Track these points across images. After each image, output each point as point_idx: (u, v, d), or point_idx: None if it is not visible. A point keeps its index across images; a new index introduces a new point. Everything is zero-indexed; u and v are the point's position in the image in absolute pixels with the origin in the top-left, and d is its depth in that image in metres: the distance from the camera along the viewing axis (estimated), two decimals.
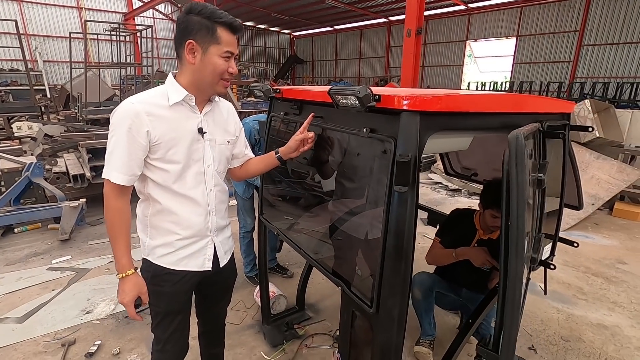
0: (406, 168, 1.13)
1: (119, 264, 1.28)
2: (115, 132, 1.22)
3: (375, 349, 1.34)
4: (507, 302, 1.03)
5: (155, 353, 1.52)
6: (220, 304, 1.72)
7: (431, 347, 2.26)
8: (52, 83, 17.01)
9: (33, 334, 2.45)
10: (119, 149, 1.21)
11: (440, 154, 3.16)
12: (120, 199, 1.27)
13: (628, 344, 2.45)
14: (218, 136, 1.41)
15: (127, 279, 1.28)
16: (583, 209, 4.43)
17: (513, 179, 0.99)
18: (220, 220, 1.47)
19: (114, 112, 1.25)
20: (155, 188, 1.32)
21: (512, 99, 1.60)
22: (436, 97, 1.14)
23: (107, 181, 1.24)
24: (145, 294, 1.34)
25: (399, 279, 1.23)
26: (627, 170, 4.64)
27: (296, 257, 3.55)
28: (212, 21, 1.22)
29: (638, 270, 3.42)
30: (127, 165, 1.22)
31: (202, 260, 1.42)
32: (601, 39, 14.10)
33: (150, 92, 1.29)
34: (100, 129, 5.51)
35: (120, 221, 1.28)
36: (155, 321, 1.46)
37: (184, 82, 1.29)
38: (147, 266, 1.41)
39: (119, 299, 1.31)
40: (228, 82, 1.32)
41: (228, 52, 1.26)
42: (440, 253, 2.25)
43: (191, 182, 1.33)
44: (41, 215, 3.84)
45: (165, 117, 1.26)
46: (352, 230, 1.58)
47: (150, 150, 1.25)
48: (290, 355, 2.30)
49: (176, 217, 1.34)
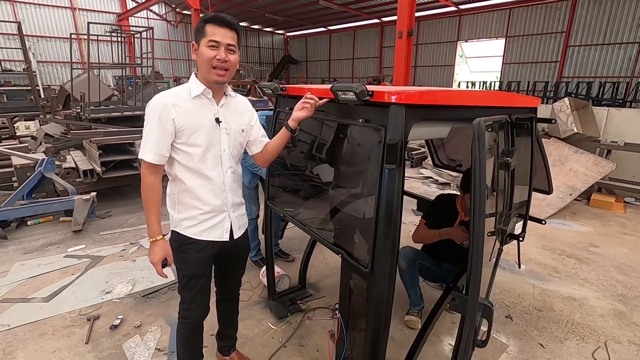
0: (394, 149, 1.41)
1: (151, 230, 1.56)
2: (148, 121, 1.50)
3: (371, 302, 1.62)
4: (472, 251, 1.32)
5: (182, 311, 1.78)
6: (235, 274, 2.00)
7: (419, 315, 2.56)
8: (45, 83, 17.05)
9: (59, 311, 2.69)
10: (151, 134, 1.48)
11: (428, 148, 3.46)
12: (153, 176, 1.54)
13: (592, 312, 2.77)
14: (233, 125, 1.66)
15: (157, 243, 1.57)
16: (562, 199, 4.78)
17: (476, 154, 1.28)
18: (235, 198, 1.74)
19: (148, 105, 1.51)
20: (180, 169, 1.57)
21: (482, 95, 1.89)
22: (418, 92, 1.43)
23: (142, 161, 1.51)
24: (170, 256, 1.62)
25: (389, 241, 1.51)
26: (602, 163, 4.99)
27: (297, 243, 3.82)
28: (202, 22, 1.49)
29: (608, 253, 3.76)
30: (157, 147, 1.49)
31: (221, 232, 1.70)
32: (586, 40, 14.59)
33: (177, 88, 1.57)
34: (105, 127, 5.72)
35: (153, 195, 1.55)
36: (182, 284, 1.72)
37: (201, 79, 1.56)
38: (175, 236, 1.67)
39: (149, 259, 1.58)
40: (221, 70, 1.50)
41: (212, 41, 1.47)
42: (425, 233, 2.55)
43: (210, 163, 1.59)
44: (55, 207, 4.06)
45: (187, 108, 1.52)
46: (350, 206, 1.85)
47: (176, 135, 1.51)
48: (295, 325, 2.57)
49: (198, 194, 1.60)
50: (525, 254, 3.63)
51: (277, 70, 26.38)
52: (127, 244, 3.82)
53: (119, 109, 7.26)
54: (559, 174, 4.99)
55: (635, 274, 3.34)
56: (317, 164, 2.09)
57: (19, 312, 2.67)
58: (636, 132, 5.35)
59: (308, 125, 2.21)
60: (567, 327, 2.59)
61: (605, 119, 5.64)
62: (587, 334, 2.53)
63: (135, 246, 3.78)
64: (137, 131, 5.31)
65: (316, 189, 2.19)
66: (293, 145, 2.39)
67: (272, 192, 2.43)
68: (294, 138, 1.85)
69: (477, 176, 1.29)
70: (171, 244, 1.69)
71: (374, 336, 1.64)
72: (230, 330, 2.13)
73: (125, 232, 4.15)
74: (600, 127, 5.63)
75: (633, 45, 13.48)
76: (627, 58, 13.72)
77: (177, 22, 21.86)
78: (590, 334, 2.52)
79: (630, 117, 5.54)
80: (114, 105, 8.06)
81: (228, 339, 2.13)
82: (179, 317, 1.80)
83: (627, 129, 5.46)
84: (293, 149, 2.34)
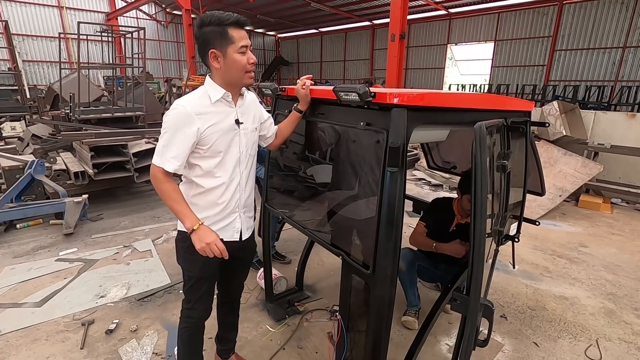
0: (396, 153, 1.43)
1: (189, 220, 1.46)
2: (169, 129, 1.44)
3: (373, 303, 1.64)
4: (474, 252, 1.34)
5: (185, 310, 1.78)
6: (240, 277, 2.00)
7: (417, 316, 2.58)
8: (31, 83, 16.71)
9: (53, 315, 2.64)
10: (173, 144, 1.44)
11: (423, 150, 3.50)
12: (170, 179, 1.50)
13: (584, 311, 2.84)
14: (249, 124, 1.66)
15: (201, 228, 1.48)
16: (552, 200, 4.88)
17: (477, 158, 1.31)
18: (248, 199, 1.74)
19: (168, 113, 1.47)
20: (199, 173, 1.55)
21: (481, 97, 1.93)
22: (419, 95, 1.45)
23: (159, 169, 1.45)
24: (219, 240, 1.50)
25: (391, 243, 1.52)
26: (590, 165, 5.12)
27: (293, 245, 3.82)
28: (222, 26, 1.42)
29: (597, 252, 3.85)
30: (179, 157, 1.45)
31: (232, 232, 1.70)
32: (572, 45, 14.94)
33: (195, 95, 1.52)
34: (97, 128, 5.64)
35: (176, 192, 1.49)
36: (188, 285, 1.72)
37: (218, 83, 1.52)
38: (184, 237, 1.60)
39: (199, 246, 1.46)
40: (252, 73, 1.53)
41: (243, 47, 1.46)
42: (422, 240, 2.58)
43: (229, 166, 1.58)
44: (45, 210, 3.98)
45: (210, 115, 1.49)
46: (351, 208, 1.87)
47: (199, 142, 1.48)
48: (293, 327, 2.57)
49: (214, 196, 1.58)
50: (518, 254, 3.69)
51: (269, 71, 26.33)
52: (120, 247, 3.77)
53: (109, 109, 7.15)
54: (549, 176, 5.09)
55: (623, 273, 3.43)
56: (316, 166, 2.11)
57: (10, 318, 2.61)
58: (622, 135, 5.50)
59: (308, 127, 2.22)
60: (560, 326, 2.64)
61: (592, 122, 5.79)
62: (579, 332, 2.59)
63: (129, 249, 3.73)
64: (129, 132, 5.25)
65: (315, 192, 2.20)
66: (291, 147, 2.40)
67: (270, 194, 2.43)
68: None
69: (478, 179, 1.32)
70: (178, 245, 1.68)
71: (375, 337, 1.65)
72: (230, 333, 2.12)
73: (118, 234, 4.09)
74: (587, 129, 5.77)
75: (617, 50, 13.86)
76: (611, 62, 14.09)
77: (167, 22, 21.65)
78: (582, 332, 2.58)
79: (616, 120, 5.69)
80: (103, 106, 7.94)
81: (228, 341, 2.13)
82: (182, 315, 1.80)
83: (613, 132, 5.61)
84: (292, 152, 2.35)
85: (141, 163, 4.78)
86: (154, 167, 1.48)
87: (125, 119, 7.25)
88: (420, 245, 2.63)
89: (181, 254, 1.66)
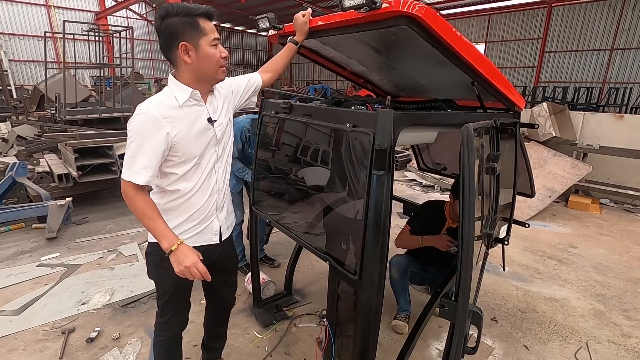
0: (383, 155, 1.39)
1: (167, 239, 1.32)
2: (135, 138, 1.30)
3: (360, 310, 1.59)
4: (462, 258, 1.31)
5: (159, 325, 1.67)
6: (227, 289, 1.89)
7: (407, 320, 2.55)
8: (18, 83, 16.37)
9: (31, 324, 2.55)
10: (141, 153, 1.29)
11: (414, 152, 3.47)
12: (142, 192, 1.34)
13: (574, 312, 2.83)
14: (223, 119, 1.53)
15: (181, 247, 1.33)
16: (542, 201, 4.90)
17: (465, 160, 1.27)
18: (224, 198, 1.64)
19: (133, 119, 1.31)
20: (173, 181, 1.42)
21: (485, 59, 1.83)
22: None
23: (129, 183, 1.30)
24: (200, 262, 1.34)
25: (378, 248, 1.48)
26: (579, 165, 5.15)
27: (282, 248, 3.77)
28: (192, 16, 1.30)
29: (586, 253, 3.87)
30: (149, 167, 1.30)
31: (210, 236, 1.59)
32: (561, 46, 15.14)
33: (160, 97, 1.37)
34: (82, 129, 5.51)
35: (150, 207, 1.34)
36: (163, 300, 1.61)
37: (186, 81, 1.38)
38: (154, 250, 1.47)
39: (178, 269, 1.32)
40: (224, 67, 1.42)
41: (215, 40, 1.35)
42: (408, 239, 2.54)
43: (206, 168, 1.47)
44: (27, 214, 3.86)
45: (179, 117, 1.35)
46: (338, 212, 1.82)
47: (171, 149, 1.35)
48: (281, 333, 2.51)
49: (189, 201, 1.46)
50: (508, 255, 3.68)
51: None
52: (105, 251, 3.67)
53: (96, 110, 7.01)
54: (539, 177, 5.11)
55: (612, 273, 3.45)
56: (303, 169, 2.06)
57: None
58: (610, 136, 5.54)
59: (295, 128, 2.17)
60: (550, 328, 2.63)
61: (581, 123, 5.83)
62: (569, 334, 2.58)
63: (114, 253, 3.63)
64: (115, 134, 5.14)
65: (302, 194, 2.15)
66: (278, 149, 2.35)
67: (257, 196, 2.37)
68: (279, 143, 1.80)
69: (466, 182, 1.28)
70: (149, 258, 1.55)
71: (362, 344, 1.60)
72: (218, 343, 2.05)
73: (103, 238, 3.99)
74: (576, 130, 5.81)
75: (604, 52, 14.07)
76: (599, 64, 14.31)
77: None
78: (572, 335, 2.57)
79: (604, 121, 5.74)
80: (91, 106, 7.79)
81: (214, 350, 2.06)
82: (156, 329, 1.70)
83: (601, 133, 5.66)
84: (279, 155, 2.30)
85: None
86: (123, 182, 1.32)
87: (113, 120, 7.12)
88: (408, 245, 2.59)
89: (152, 268, 1.54)
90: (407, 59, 1.97)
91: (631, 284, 3.27)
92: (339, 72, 2.48)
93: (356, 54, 2.12)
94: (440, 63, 1.69)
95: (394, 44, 1.76)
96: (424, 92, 2.44)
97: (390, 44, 1.77)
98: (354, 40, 1.80)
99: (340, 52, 2.14)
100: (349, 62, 2.28)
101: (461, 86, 2.03)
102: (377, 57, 2.07)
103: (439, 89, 2.33)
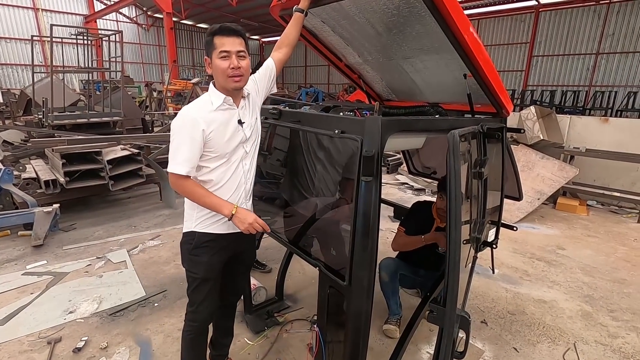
0: (371, 161, 1.40)
1: (226, 207, 1.57)
2: (177, 134, 1.54)
3: (349, 316, 1.59)
4: (450, 262, 1.32)
5: (189, 314, 1.80)
6: (243, 278, 2.10)
7: (398, 324, 2.55)
8: (5, 87, 16.11)
9: (16, 334, 2.49)
10: (182, 147, 1.52)
11: (404, 156, 3.50)
12: (188, 180, 1.57)
13: (562, 314, 2.87)
14: (251, 119, 1.71)
15: (239, 210, 1.59)
16: (530, 203, 4.97)
17: (451, 166, 1.29)
18: (251, 191, 1.79)
19: (174, 120, 1.57)
20: (207, 172, 1.62)
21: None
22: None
23: (173, 175, 1.54)
24: (258, 218, 1.62)
25: (367, 254, 1.49)
26: (567, 168, 5.24)
27: (273, 254, 3.75)
28: (210, 35, 1.57)
29: (573, 255, 3.93)
30: (190, 159, 1.53)
31: None
32: (549, 51, 15.43)
33: (199, 101, 1.62)
34: (69, 134, 5.43)
35: (199, 187, 1.58)
36: (192, 286, 1.74)
37: (219, 88, 1.62)
38: (190, 239, 1.69)
39: (243, 227, 1.58)
40: (236, 77, 1.57)
41: (222, 52, 1.53)
42: (408, 240, 2.54)
43: (236, 161, 1.65)
44: (12, 221, 3.78)
45: (214, 118, 1.57)
46: (327, 218, 1.83)
47: (205, 145, 1.56)
48: (272, 339, 2.50)
49: (220, 191, 1.64)
50: (497, 257, 3.72)
51: None
52: (93, 259, 3.61)
53: (84, 115, 6.93)
54: (527, 179, 5.19)
55: (599, 275, 3.50)
56: (293, 175, 2.06)
57: None
58: (596, 139, 5.65)
59: (285, 134, 2.17)
60: (539, 330, 2.66)
61: (568, 126, 5.93)
62: (558, 336, 2.61)
63: (102, 260, 3.58)
64: (104, 139, 5.08)
65: (292, 200, 2.15)
66: (269, 153, 2.35)
67: None
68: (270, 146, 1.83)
69: (452, 187, 1.29)
70: (183, 247, 1.72)
71: (352, 349, 1.60)
72: (226, 339, 2.13)
73: (92, 245, 3.93)
74: (563, 134, 5.91)
75: (590, 56, 14.38)
76: (585, 68, 14.62)
77: (148, 25, 21.30)
78: (561, 336, 2.60)
79: (590, 124, 5.85)
80: (80, 110, 7.69)
81: (222, 346, 2.12)
82: (186, 318, 1.82)
83: (587, 136, 5.76)
84: (269, 160, 2.30)
85: (117, 170, 4.61)
86: (170, 175, 1.56)
87: (102, 125, 7.05)
88: (407, 246, 2.58)
89: (186, 256, 1.71)
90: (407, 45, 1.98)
91: (617, 284, 3.33)
92: (335, 62, 2.51)
93: (356, 37, 2.13)
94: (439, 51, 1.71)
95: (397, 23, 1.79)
96: (415, 94, 2.47)
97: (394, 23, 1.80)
98: (355, 20, 1.85)
99: (340, 34, 2.15)
100: (346, 50, 2.29)
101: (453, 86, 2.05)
102: (377, 42, 2.08)
103: (430, 89, 2.35)
